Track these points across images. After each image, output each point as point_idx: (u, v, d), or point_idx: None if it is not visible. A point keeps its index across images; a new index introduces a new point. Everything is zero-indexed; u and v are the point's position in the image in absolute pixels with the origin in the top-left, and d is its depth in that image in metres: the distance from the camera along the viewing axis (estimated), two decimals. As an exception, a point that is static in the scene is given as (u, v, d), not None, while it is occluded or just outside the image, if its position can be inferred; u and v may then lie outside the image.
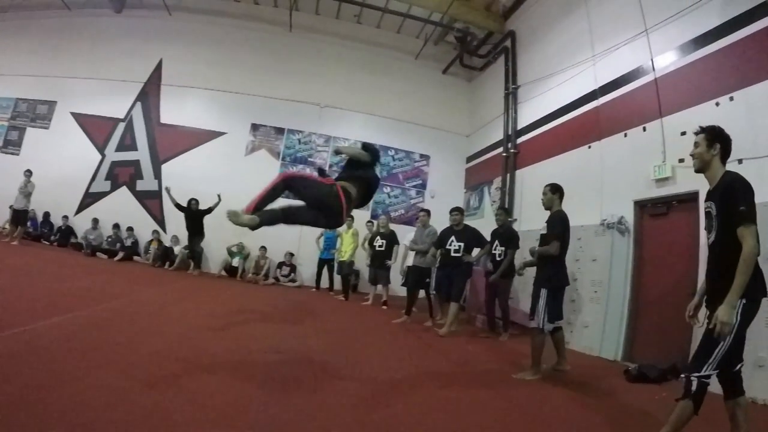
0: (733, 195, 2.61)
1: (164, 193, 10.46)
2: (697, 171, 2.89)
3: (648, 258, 6.05)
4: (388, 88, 12.20)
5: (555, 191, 4.87)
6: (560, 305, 4.69)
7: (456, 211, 7.05)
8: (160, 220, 11.30)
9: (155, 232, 11.00)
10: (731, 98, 4.96)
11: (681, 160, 5.51)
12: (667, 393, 4.35)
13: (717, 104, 5.11)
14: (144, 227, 11.17)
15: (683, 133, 5.52)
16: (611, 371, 5.17)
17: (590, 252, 6.69)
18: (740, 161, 4.64)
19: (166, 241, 10.97)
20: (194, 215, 9.90)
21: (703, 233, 5.10)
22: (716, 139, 2.78)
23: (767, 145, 4.48)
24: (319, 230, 10.27)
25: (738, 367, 2.68)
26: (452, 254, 6.73)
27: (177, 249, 10.82)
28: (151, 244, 10.89)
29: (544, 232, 4.84)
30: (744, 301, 2.50)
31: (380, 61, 12.39)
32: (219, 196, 9.45)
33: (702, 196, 5.20)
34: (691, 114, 5.44)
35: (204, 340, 4.23)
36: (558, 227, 4.67)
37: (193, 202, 9.96)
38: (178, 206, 9.92)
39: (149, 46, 11.82)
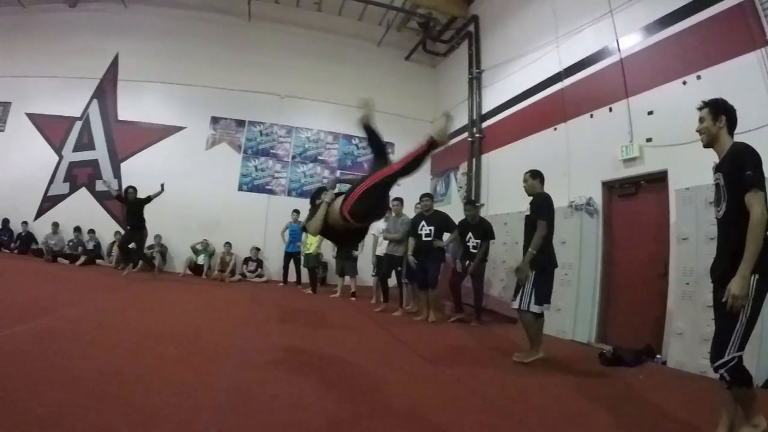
0: (740, 162, 2.48)
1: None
2: (706, 146, 2.75)
3: (618, 239, 5.96)
4: (350, 76, 11.74)
5: (535, 176, 4.75)
6: (550, 288, 4.53)
7: (426, 197, 7.13)
8: (122, 221, 10.50)
9: (117, 233, 10.25)
10: (698, 77, 4.85)
11: (648, 140, 5.43)
12: (644, 376, 4.28)
13: (684, 83, 5.00)
14: (106, 229, 10.49)
15: (650, 113, 5.44)
16: (585, 355, 5.01)
17: (559, 234, 6.40)
18: (709, 139, 4.58)
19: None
20: (132, 205, 8.81)
21: (673, 211, 5.09)
22: (720, 111, 2.65)
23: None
24: (283, 223, 9.98)
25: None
26: (424, 238, 6.73)
27: None
28: (114, 245, 10.18)
29: (527, 213, 4.73)
30: (757, 276, 2.35)
31: (342, 49, 11.91)
32: (162, 186, 8.57)
33: (671, 176, 5.20)
34: (657, 93, 5.34)
35: (161, 347, 3.82)
36: (544, 208, 4.54)
37: (130, 190, 8.89)
38: (118, 197, 9.09)
39: (105, 40, 10.98)
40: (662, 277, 5.04)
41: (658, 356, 4.79)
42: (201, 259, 10.26)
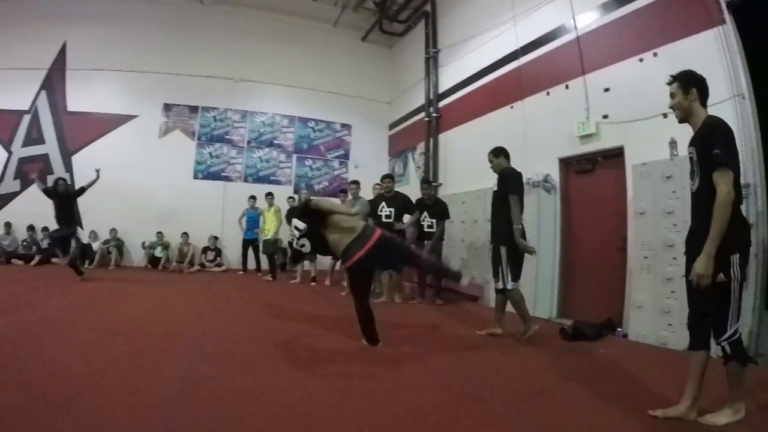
0: (710, 139, 2.40)
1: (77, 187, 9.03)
2: (681, 122, 2.65)
3: (576, 214, 5.94)
4: (305, 58, 11.26)
5: (498, 154, 4.66)
6: (520, 264, 4.48)
7: (387, 178, 6.99)
8: (76, 217, 9.87)
9: None
10: (655, 54, 4.79)
11: (605, 117, 5.37)
12: (606, 349, 4.25)
13: (641, 60, 4.93)
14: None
15: (606, 90, 5.38)
16: (547, 331, 4.89)
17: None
18: (665, 115, 4.53)
19: (85, 238, 9.60)
20: (64, 199, 7.67)
21: (630, 187, 5.07)
22: (691, 83, 2.54)
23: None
24: (240, 210, 9.58)
25: (710, 320, 2.48)
26: (384, 219, 6.53)
27: (96, 245, 9.52)
28: None
29: (495, 189, 4.66)
30: (738, 255, 2.34)
31: (297, 31, 11.34)
32: (98, 171, 7.57)
33: (627, 152, 5.16)
34: (614, 70, 5.28)
35: (115, 345, 3.55)
36: (512, 183, 4.45)
37: (60, 182, 7.77)
38: (45, 191, 7.79)
39: (51, 28, 10.01)
40: (621, 251, 5.04)
41: (618, 329, 4.80)
42: (158, 252, 9.73)
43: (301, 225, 4.08)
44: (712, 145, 2.36)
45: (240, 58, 10.85)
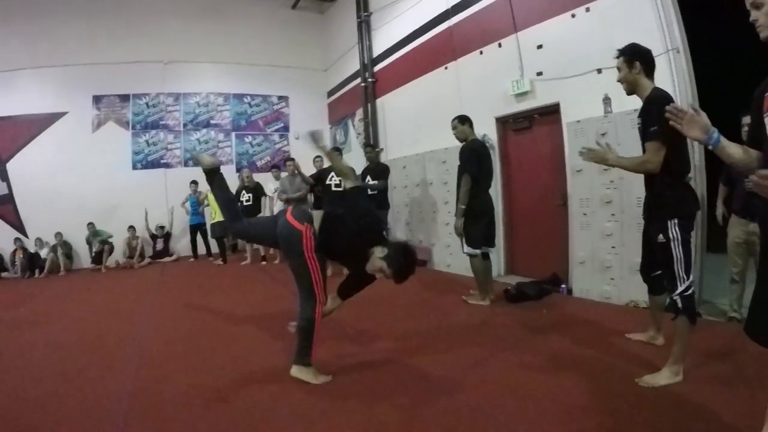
0: (648, 114, 2.45)
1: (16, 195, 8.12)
2: (629, 94, 2.64)
3: (516, 172, 5.68)
4: (234, 32, 10.14)
5: (464, 122, 4.47)
6: (483, 231, 4.35)
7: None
8: (19, 226, 8.75)
9: (17, 240, 8.48)
10: (587, 9, 4.41)
11: (539, 74, 5.03)
12: (548, 308, 4.14)
13: (573, 16, 4.56)
14: (3, 238, 8.59)
15: (539, 47, 5.00)
16: (495, 290, 4.75)
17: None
18: (599, 71, 4.28)
19: (31, 247, 8.58)
20: None
21: (567, 144, 4.89)
22: (634, 57, 2.54)
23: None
24: (184, 196, 8.88)
25: (658, 273, 2.70)
26: (333, 188, 6.28)
27: (44, 252, 8.51)
28: (16, 254, 8.39)
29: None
30: (676, 220, 2.43)
31: (223, 5, 10.14)
32: None
33: (563, 109, 4.81)
34: (546, 27, 4.88)
35: (63, 361, 3.30)
36: (468, 161, 4.28)
37: None
38: None
39: None
40: (562, 207, 4.85)
41: (563, 285, 4.67)
42: (96, 245, 8.72)
43: None
44: (649, 122, 2.40)
45: (167, 40, 9.64)
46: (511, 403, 2.31)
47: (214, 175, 2.95)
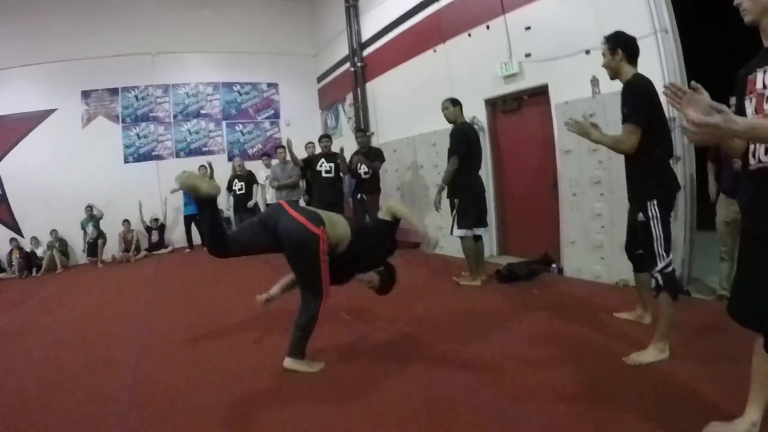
0: (623, 98, 2.53)
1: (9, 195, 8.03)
2: (612, 79, 2.71)
3: (506, 154, 5.66)
4: (222, 21, 9.92)
5: (455, 104, 4.55)
6: (474, 213, 4.43)
7: (326, 137, 6.93)
8: (14, 226, 8.66)
9: (13, 240, 8.37)
10: (574, -11, 4.36)
11: (527, 55, 4.96)
12: (539, 288, 4.17)
13: (560, -4, 4.50)
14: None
15: (528, 28, 4.92)
16: (488, 271, 4.73)
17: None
18: (588, 52, 4.23)
19: (27, 246, 8.47)
20: None
21: (556, 125, 4.85)
22: (617, 44, 2.59)
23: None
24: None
25: (641, 251, 2.68)
26: (324, 174, 6.48)
27: (40, 251, 8.40)
28: (12, 254, 8.29)
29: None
30: (655, 201, 2.47)
31: None
32: None
33: (551, 90, 4.76)
34: (534, 8, 4.80)
35: (64, 358, 3.32)
36: (457, 143, 4.40)
37: None
38: None
39: None
40: (552, 187, 4.84)
41: (553, 265, 4.69)
42: (90, 231, 8.58)
43: None
44: (623, 105, 2.49)
45: (154, 31, 9.44)
46: (498, 382, 2.35)
47: (208, 205, 2.41)
